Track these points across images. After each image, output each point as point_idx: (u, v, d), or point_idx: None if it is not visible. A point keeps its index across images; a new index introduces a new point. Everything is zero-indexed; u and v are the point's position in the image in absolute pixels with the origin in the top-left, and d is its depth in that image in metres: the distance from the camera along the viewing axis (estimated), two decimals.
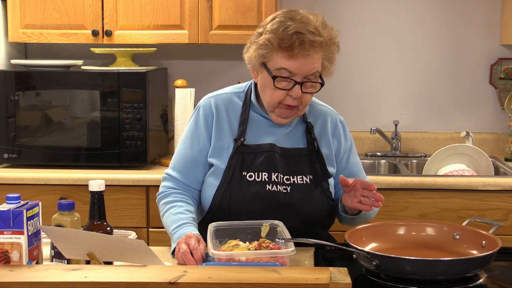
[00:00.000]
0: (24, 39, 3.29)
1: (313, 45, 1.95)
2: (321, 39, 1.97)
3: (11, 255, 1.65)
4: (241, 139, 2.09)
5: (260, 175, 2.07)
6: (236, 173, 2.07)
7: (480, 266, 1.74)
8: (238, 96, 2.17)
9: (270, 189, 2.06)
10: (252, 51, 2.04)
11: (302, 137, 2.14)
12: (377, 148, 3.61)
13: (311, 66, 1.98)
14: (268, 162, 2.08)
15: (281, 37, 1.95)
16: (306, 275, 1.52)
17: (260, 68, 2.04)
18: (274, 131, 2.13)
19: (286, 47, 1.95)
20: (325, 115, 2.20)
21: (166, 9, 3.23)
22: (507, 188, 2.92)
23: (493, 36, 3.53)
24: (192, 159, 2.14)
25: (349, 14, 3.57)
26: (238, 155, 2.08)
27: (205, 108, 2.15)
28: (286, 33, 1.95)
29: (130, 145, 3.10)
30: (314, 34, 1.96)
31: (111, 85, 3.09)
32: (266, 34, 1.99)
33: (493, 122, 3.59)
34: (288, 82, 1.99)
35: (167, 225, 2.07)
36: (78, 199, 2.77)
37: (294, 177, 2.09)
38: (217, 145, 2.12)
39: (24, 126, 3.14)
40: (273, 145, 2.10)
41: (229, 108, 2.14)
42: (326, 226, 2.19)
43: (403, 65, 3.59)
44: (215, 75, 3.59)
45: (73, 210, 1.81)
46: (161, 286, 1.49)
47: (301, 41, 1.93)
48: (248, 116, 2.13)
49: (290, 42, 1.94)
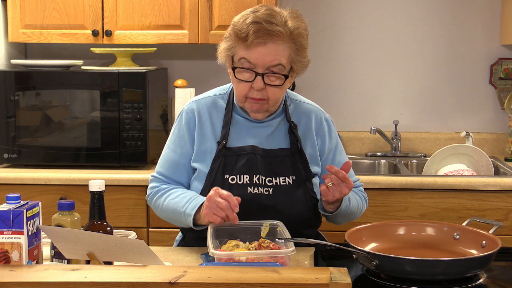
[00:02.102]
0: (24, 39, 3.29)
1: (270, 34, 1.95)
2: (280, 29, 1.96)
3: (11, 255, 1.65)
4: (223, 142, 2.09)
5: (241, 177, 2.07)
6: (219, 176, 2.07)
7: (480, 266, 1.74)
8: (222, 98, 2.17)
9: (252, 192, 2.05)
10: (221, 45, 2.07)
11: (285, 138, 2.13)
12: (377, 148, 3.61)
13: (271, 57, 1.97)
14: (249, 165, 2.07)
15: (239, 28, 1.98)
16: (306, 275, 1.52)
17: (229, 62, 2.06)
18: (257, 133, 2.12)
19: (243, 37, 1.97)
20: (310, 113, 2.18)
21: (166, 9, 3.23)
22: (507, 188, 2.92)
23: (493, 36, 3.53)
24: (175, 164, 2.15)
25: (349, 14, 3.56)
26: (221, 158, 2.08)
27: (188, 113, 2.16)
28: (244, 23, 1.97)
29: (130, 145, 3.10)
30: (274, 24, 1.96)
31: (111, 85, 3.09)
32: (230, 26, 2.04)
33: (493, 122, 3.59)
34: (250, 74, 2.00)
35: (172, 211, 2.06)
36: (78, 199, 2.76)
37: (277, 179, 2.08)
38: (200, 150, 2.12)
39: (24, 126, 3.14)
40: (255, 147, 2.10)
41: (212, 112, 2.14)
42: (312, 226, 2.18)
43: (403, 65, 3.59)
44: (215, 75, 3.59)
45: (73, 210, 1.81)
46: (161, 286, 1.49)
47: (256, 30, 1.95)
48: (231, 118, 2.13)
49: (246, 32, 1.96)
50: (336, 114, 2.33)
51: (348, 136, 3.60)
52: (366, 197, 2.25)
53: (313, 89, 3.57)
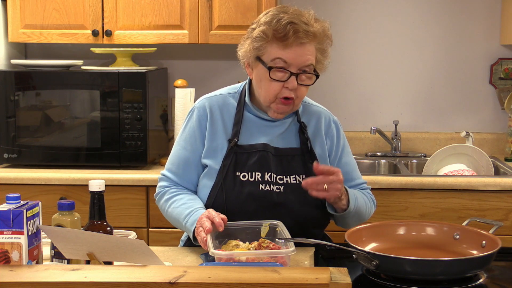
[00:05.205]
0: (24, 39, 3.28)
1: (307, 34, 1.98)
2: (315, 29, 2.00)
3: (11, 255, 1.65)
4: (235, 139, 2.10)
5: (253, 175, 2.08)
6: (230, 173, 2.08)
7: (480, 266, 1.74)
8: (233, 97, 2.18)
9: (263, 189, 2.07)
10: (247, 45, 2.06)
11: (295, 137, 2.15)
12: (377, 148, 3.61)
13: (306, 58, 2.00)
14: (261, 162, 2.09)
15: (275, 28, 1.98)
16: (306, 275, 1.52)
17: (255, 62, 2.05)
18: (268, 131, 2.13)
19: (281, 37, 1.98)
20: (319, 115, 2.20)
21: (166, 9, 3.23)
22: (507, 188, 2.92)
23: (493, 36, 3.53)
24: (186, 161, 2.15)
25: (349, 14, 3.56)
26: (232, 155, 2.09)
27: (199, 110, 2.16)
28: (280, 23, 1.97)
29: (130, 145, 3.10)
30: (307, 24, 1.99)
31: (111, 85, 3.09)
32: (260, 27, 2.02)
33: (493, 122, 3.59)
34: (284, 73, 2.01)
35: (175, 220, 2.09)
36: (78, 199, 2.77)
37: (287, 177, 2.10)
38: (211, 146, 2.13)
39: (24, 126, 3.14)
40: (267, 145, 2.11)
41: (223, 109, 2.15)
42: (321, 226, 2.19)
43: (403, 65, 3.59)
44: (215, 75, 3.59)
45: (73, 210, 1.81)
46: (161, 286, 1.49)
47: (295, 30, 1.96)
48: (242, 116, 2.14)
49: (284, 32, 1.97)
50: (336, 114, 2.33)
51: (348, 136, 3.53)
52: (374, 200, 2.26)
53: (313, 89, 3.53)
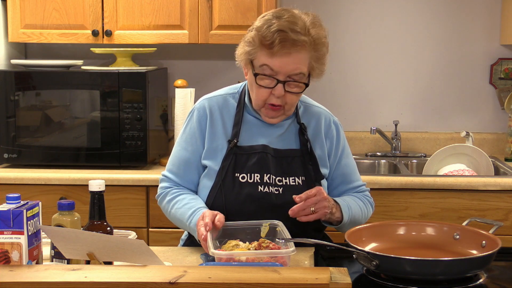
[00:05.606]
0: (24, 39, 3.29)
1: (295, 44, 1.95)
2: (305, 39, 1.96)
3: (11, 255, 1.65)
4: (234, 140, 2.10)
5: (252, 176, 2.07)
6: (229, 174, 2.08)
7: (480, 266, 1.74)
8: (233, 97, 2.17)
9: (262, 190, 2.06)
10: (241, 48, 2.06)
11: (295, 139, 2.15)
12: (377, 148, 3.61)
13: (294, 66, 1.98)
14: (260, 163, 2.08)
15: (264, 35, 1.97)
16: (306, 275, 1.52)
17: (248, 65, 2.06)
18: (267, 132, 2.13)
19: (268, 44, 1.96)
20: (319, 115, 2.20)
21: (166, 9, 3.23)
22: (507, 188, 2.92)
23: (493, 36, 3.53)
24: (186, 161, 2.15)
25: (349, 14, 3.57)
26: (231, 156, 2.09)
27: (199, 111, 2.16)
28: (269, 30, 1.96)
29: (130, 145, 3.10)
30: (298, 33, 1.96)
31: (111, 85, 3.09)
32: (252, 31, 2.02)
33: (493, 122, 3.59)
34: (271, 80, 2.00)
35: (179, 221, 2.09)
36: (78, 199, 2.77)
37: (287, 178, 2.09)
38: (211, 147, 2.13)
39: (24, 126, 3.14)
40: (266, 146, 2.10)
41: (223, 110, 2.15)
42: (320, 228, 2.18)
43: (403, 65, 3.59)
44: (215, 75, 3.59)
45: (73, 210, 1.81)
46: (161, 286, 1.49)
47: (282, 39, 1.94)
48: (242, 117, 2.13)
49: (271, 40, 1.95)
50: (336, 114, 2.33)
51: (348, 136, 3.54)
52: (371, 202, 2.25)
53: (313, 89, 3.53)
